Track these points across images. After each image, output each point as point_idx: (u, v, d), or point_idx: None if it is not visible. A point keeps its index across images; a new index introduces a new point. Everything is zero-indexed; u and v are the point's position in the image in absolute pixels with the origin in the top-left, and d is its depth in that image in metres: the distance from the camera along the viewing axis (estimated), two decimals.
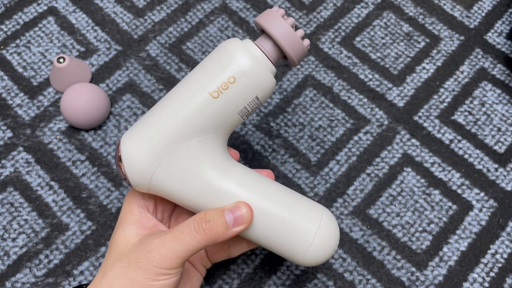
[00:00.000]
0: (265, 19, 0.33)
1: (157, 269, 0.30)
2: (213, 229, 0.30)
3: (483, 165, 0.46)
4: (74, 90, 0.44)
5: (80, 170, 0.44)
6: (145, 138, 0.31)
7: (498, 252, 0.42)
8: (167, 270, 0.30)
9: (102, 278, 0.31)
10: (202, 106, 0.31)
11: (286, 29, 0.33)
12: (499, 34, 0.52)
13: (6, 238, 0.42)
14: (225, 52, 0.32)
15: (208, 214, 0.31)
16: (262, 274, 0.41)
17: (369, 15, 0.52)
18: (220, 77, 0.31)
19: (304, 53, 0.34)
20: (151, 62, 0.49)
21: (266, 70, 0.32)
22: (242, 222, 0.31)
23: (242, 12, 0.52)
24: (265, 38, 0.34)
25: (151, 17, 0.51)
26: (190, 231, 0.30)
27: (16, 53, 0.49)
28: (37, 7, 0.52)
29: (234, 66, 0.31)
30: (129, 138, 0.32)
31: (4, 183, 0.44)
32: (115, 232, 0.33)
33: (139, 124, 0.32)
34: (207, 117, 0.31)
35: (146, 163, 0.31)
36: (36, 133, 0.46)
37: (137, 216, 0.33)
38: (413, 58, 0.50)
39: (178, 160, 0.31)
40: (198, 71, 0.32)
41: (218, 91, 0.31)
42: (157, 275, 0.30)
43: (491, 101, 0.48)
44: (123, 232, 0.33)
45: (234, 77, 0.31)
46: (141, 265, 0.30)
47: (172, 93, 0.32)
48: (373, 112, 0.47)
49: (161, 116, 0.31)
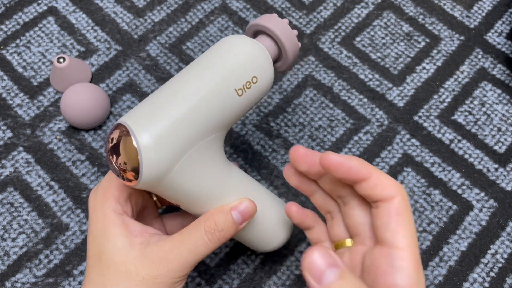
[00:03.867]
0: (265, 20, 0.34)
1: (175, 279, 0.30)
2: (227, 235, 0.30)
3: (483, 165, 0.46)
4: (74, 90, 0.44)
5: (80, 170, 0.44)
6: (168, 133, 0.28)
7: (498, 252, 0.42)
8: (181, 277, 0.30)
9: None
10: (227, 103, 0.31)
11: (286, 26, 0.34)
12: (499, 34, 0.52)
13: (6, 238, 0.42)
14: (245, 52, 0.32)
15: (217, 221, 0.30)
16: (262, 274, 0.41)
17: (369, 15, 0.52)
18: (246, 75, 0.32)
19: (298, 53, 0.35)
20: (151, 62, 0.49)
21: (273, 71, 0.34)
22: (248, 217, 0.31)
23: (242, 12, 0.52)
24: (264, 39, 0.34)
25: (151, 17, 0.51)
26: (205, 243, 0.30)
27: (16, 53, 0.49)
28: (37, 7, 0.52)
29: (257, 67, 0.32)
30: (145, 129, 0.28)
31: (4, 183, 0.44)
32: (101, 247, 0.30)
33: (153, 113, 0.29)
34: (229, 114, 0.31)
35: (168, 160, 0.29)
36: (36, 133, 0.46)
37: (122, 226, 0.30)
38: (413, 58, 0.50)
39: (194, 157, 0.30)
40: (219, 67, 0.31)
41: (242, 89, 0.32)
42: (174, 285, 0.30)
43: (491, 101, 0.48)
44: (116, 246, 0.30)
45: (256, 77, 0.32)
46: (159, 280, 0.29)
47: (190, 85, 0.30)
48: (373, 112, 0.47)
49: (183, 110, 0.29)
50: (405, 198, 0.28)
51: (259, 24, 0.34)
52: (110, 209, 0.31)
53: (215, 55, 0.32)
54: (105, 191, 0.31)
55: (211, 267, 0.41)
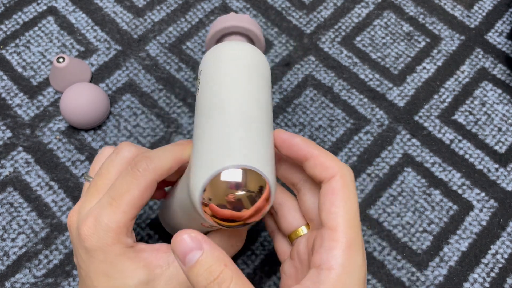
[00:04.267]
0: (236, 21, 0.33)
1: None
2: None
3: (483, 165, 0.46)
4: (74, 90, 0.44)
5: (80, 170, 0.44)
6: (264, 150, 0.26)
7: (498, 252, 0.42)
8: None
9: None
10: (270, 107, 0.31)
11: (251, 20, 0.34)
12: (499, 34, 0.52)
13: (6, 238, 0.42)
14: (260, 60, 0.31)
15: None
16: (262, 274, 0.41)
17: (369, 15, 0.52)
18: (268, 74, 0.31)
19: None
20: (151, 62, 0.49)
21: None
22: None
23: (242, 12, 0.52)
24: (237, 38, 0.34)
25: (151, 17, 0.51)
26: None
27: (16, 53, 0.49)
28: (36, 6, 0.51)
29: (264, 64, 0.31)
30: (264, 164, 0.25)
31: (4, 183, 0.44)
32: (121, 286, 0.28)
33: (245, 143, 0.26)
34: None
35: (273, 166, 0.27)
36: (35, 133, 0.46)
37: (137, 258, 0.28)
38: (414, 58, 0.50)
39: None
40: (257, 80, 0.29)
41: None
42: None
43: (491, 101, 0.48)
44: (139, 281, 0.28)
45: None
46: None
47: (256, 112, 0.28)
48: (373, 112, 0.47)
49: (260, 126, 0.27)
50: (345, 177, 0.27)
51: (235, 26, 0.33)
52: (123, 245, 0.28)
53: (240, 69, 0.29)
54: (109, 225, 0.28)
55: None
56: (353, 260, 0.26)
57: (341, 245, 0.25)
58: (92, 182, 0.30)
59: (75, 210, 0.30)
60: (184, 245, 0.24)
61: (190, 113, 0.47)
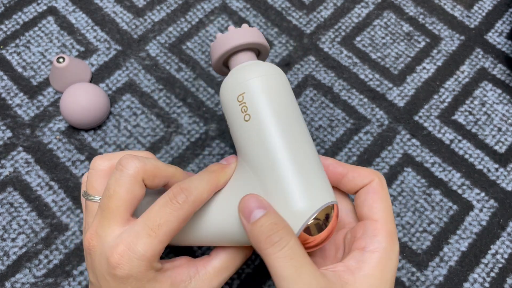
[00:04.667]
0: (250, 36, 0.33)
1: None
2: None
3: (483, 165, 0.46)
4: (74, 90, 0.44)
5: (80, 170, 0.44)
6: (320, 175, 0.30)
7: (498, 252, 0.42)
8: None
9: None
10: None
11: (258, 32, 0.34)
12: (499, 34, 0.52)
13: (6, 238, 0.42)
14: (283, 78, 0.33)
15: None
16: (262, 274, 0.41)
17: (369, 15, 0.52)
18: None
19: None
20: (151, 62, 0.49)
21: None
22: None
23: (242, 12, 0.52)
24: (248, 54, 0.34)
25: (151, 17, 0.51)
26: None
27: (16, 53, 0.49)
28: (36, 7, 0.51)
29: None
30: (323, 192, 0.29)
31: (4, 183, 0.44)
32: None
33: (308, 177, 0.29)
34: None
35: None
36: (35, 133, 0.46)
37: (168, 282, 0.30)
38: (414, 58, 0.50)
39: None
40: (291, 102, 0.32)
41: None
42: None
43: (491, 101, 0.48)
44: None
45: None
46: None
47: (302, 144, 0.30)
48: (373, 112, 0.47)
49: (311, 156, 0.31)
50: (382, 180, 0.31)
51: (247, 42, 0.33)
52: (154, 271, 0.29)
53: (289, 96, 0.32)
54: (145, 254, 0.28)
55: None
56: (393, 247, 0.29)
57: (383, 233, 0.29)
58: (103, 205, 0.30)
59: (94, 234, 0.29)
60: (252, 203, 0.28)
61: (190, 113, 0.47)
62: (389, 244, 0.29)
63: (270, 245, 0.26)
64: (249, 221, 0.27)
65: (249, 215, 0.27)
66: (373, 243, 0.29)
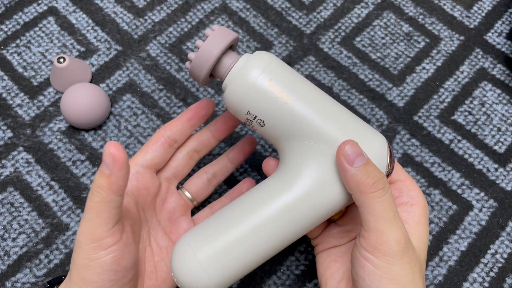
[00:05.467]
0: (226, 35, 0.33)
1: (86, 246, 0.29)
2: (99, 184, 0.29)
3: (483, 165, 0.46)
4: (74, 90, 0.44)
5: (80, 170, 0.44)
6: None
7: (498, 252, 0.42)
8: (94, 244, 0.29)
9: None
10: None
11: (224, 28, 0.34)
12: (499, 34, 0.52)
13: (6, 238, 0.42)
14: None
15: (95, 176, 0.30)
16: (262, 274, 0.41)
17: (369, 15, 0.52)
18: None
19: None
20: (151, 62, 0.49)
21: None
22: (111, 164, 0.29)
23: (242, 12, 0.52)
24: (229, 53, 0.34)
25: (151, 17, 0.51)
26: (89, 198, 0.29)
27: (16, 53, 0.49)
28: (37, 7, 0.52)
29: None
30: None
31: (4, 183, 0.44)
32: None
33: None
34: None
35: None
36: (36, 133, 0.46)
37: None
38: (413, 58, 0.50)
39: None
40: None
41: None
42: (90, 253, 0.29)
43: (491, 101, 0.48)
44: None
45: None
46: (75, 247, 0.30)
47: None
48: (373, 112, 0.47)
49: None
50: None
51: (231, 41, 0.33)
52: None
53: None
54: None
55: None
56: (424, 197, 0.34)
57: (415, 188, 0.34)
58: None
59: None
60: (353, 150, 0.29)
61: None
62: (422, 196, 0.34)
63: (376, 190, 0.29)
64: (353, 165, 0.29)
65: (353, 160, 0.29)
66: (413, 197, 0.33)
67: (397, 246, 0.29)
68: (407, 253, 0.29)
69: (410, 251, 0.29)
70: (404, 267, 0.29)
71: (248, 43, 0.50)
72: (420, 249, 0.31)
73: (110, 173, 0.28)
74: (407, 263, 0.29)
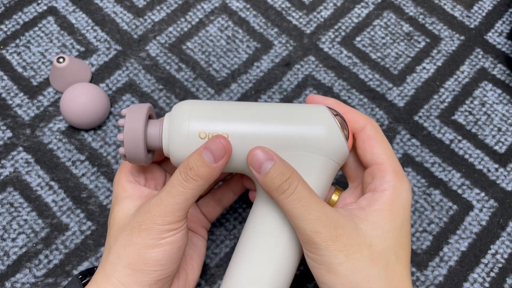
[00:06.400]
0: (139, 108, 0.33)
1: (160, 227, 0.30)
2: (199, 173, 0.30)
3: (483, 165, 0.46)
4: (74, 90, 0.44)
5: (80, 170, 0.44)
6: None
7: (498, 252, 0.42)
8: (170, 225, 0.30)
9: (108, 254, 0.31)
10: None
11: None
12: (499, 34, 0.52)
13: (6, 238, 0.42)
14: None
15: (189, 160, 0.30)
16: None
17: (369, 15, 0.52)
18: None
19: None
20: (151, 62, 0.49)
21: None
22: (221, 155, 0.30)
23: (242, 12, 0.52)
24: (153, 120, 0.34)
25: (151, 17, 0.51)
26: (180, 182, 0.30)
27: (16, 53, 0.49)
28: (36, 7, 0.51)
29: None
30: None
31: (4, 183, 0.44)
32: (112, 211, 0.33)
33: None
34: None
35: None
36: (36, 133, 0.46)
37: (130, 191, 0.33)
38: (413, 58, 0.50)
39: None
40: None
41: None
42: (162, 233, 0.30)
43: (491, 101, 0.48)
44: (120, 207, 0.33)
45: None
46: (144, 227, 0.30)
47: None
48: (373, 112, 0.47)
49: None
50: (374, 125, 0.34)
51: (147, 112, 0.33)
52: (124, 178, 0.34)
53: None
54: (121, 166, 0.35)
55: (211, 267, 0.41)
56: (401, 184, 0.32)
57: (390, 173, 0.32)
58: None
59: None
60: (259, 157, 0.30)
61: None
62: (397, 181, 0.32)
63: (281, 192, 0.30)
64: (260, 173, 0.30)
65: (260, 167, 0.30)
66: (382, 183, 0.32)
67: (317, 237, 0.29)
68: (337, 242, 0.29)
69: (342, 238, 0.29)
70: (337, 256, 0.29)
71: (248, 43, 0.50)
72: (378, 237, 0.30)
73: (216, 165, 0.30)
74: (339, 251, 0.29)
